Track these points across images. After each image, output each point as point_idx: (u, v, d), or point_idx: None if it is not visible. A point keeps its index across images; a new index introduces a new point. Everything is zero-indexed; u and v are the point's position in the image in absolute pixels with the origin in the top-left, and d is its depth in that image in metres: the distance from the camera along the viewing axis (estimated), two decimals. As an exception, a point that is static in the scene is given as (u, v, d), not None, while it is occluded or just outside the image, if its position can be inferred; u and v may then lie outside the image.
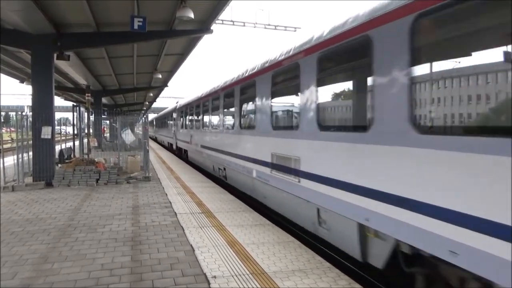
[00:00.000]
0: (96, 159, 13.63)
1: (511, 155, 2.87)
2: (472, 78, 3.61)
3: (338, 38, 5.28)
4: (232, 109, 10.74)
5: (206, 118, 14.87)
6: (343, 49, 5.21)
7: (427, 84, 3.96)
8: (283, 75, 7.34)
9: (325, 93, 5.96)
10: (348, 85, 6.12)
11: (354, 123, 5.59)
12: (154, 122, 49.37)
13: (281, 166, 7.05)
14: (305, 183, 6.15)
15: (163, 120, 35.99)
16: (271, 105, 7.70)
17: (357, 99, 5.46)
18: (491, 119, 3.50)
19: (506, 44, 3.17)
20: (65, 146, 17.80)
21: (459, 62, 3.70)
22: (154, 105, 60.57)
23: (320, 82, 5.85)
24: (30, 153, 11.86)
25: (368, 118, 4.62)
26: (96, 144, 19.27)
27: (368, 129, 4.58)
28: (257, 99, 8.37)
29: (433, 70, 3.91)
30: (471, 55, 3.69)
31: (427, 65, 3.99)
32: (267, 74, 7.82)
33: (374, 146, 4.49)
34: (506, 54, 3.17)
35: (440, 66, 3.96)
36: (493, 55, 3.40)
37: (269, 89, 7.75)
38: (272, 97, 7.67)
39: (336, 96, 6.06)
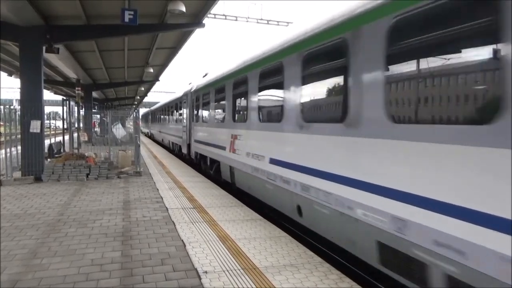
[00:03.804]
0: (86, 154, 13.48)
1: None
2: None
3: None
4: None
5: None
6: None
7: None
8: None
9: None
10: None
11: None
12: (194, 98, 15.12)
13: None
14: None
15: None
16: None
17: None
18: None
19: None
20: (55, 140, 17.59)
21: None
22: (146, 99, 60.17)
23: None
24: (19, 147, 11.68)
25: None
26: (86, 139, 19.06)
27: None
28: None
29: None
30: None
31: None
32: None
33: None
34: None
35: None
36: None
37: None
38: None
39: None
